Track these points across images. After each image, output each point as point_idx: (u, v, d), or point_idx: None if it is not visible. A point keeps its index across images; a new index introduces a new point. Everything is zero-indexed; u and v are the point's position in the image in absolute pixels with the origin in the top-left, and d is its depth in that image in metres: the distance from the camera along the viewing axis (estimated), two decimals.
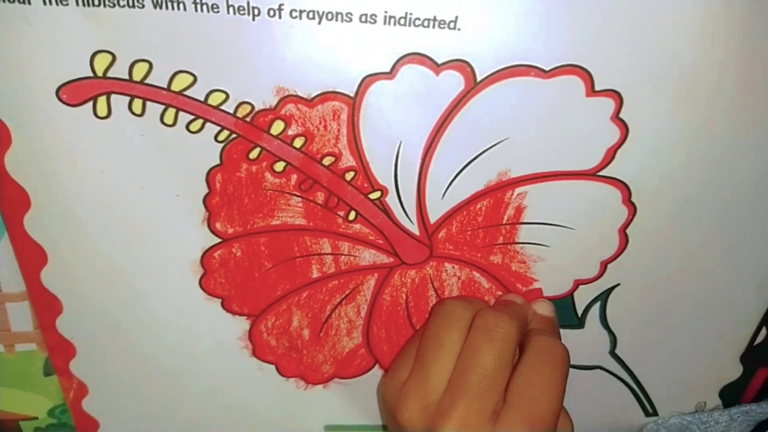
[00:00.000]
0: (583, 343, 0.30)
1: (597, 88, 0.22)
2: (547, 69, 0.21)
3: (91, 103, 0.21)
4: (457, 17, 0.20)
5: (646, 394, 0.32)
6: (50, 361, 0.29)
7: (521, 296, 0.27)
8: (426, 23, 0.20)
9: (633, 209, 0.25)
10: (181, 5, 0.19)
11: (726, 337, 0.31)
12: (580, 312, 0.29)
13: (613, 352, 0.31)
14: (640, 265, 0.27)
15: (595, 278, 0.28)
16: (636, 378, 0.32)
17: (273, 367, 0.29)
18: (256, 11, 0.19)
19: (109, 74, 0.20)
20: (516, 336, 0.24)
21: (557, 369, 0.23)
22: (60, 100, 0.21)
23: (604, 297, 0.29)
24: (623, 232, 0.26)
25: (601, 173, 0.24)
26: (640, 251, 0.27)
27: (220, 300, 0.27)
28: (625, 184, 0.25)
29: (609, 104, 0.22)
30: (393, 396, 0.25)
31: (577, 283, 0.28)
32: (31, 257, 0.25)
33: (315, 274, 0.27)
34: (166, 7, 0.19)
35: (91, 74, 0.20)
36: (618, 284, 0.28)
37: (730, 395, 0.32)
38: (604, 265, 0.27)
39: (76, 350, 0.28)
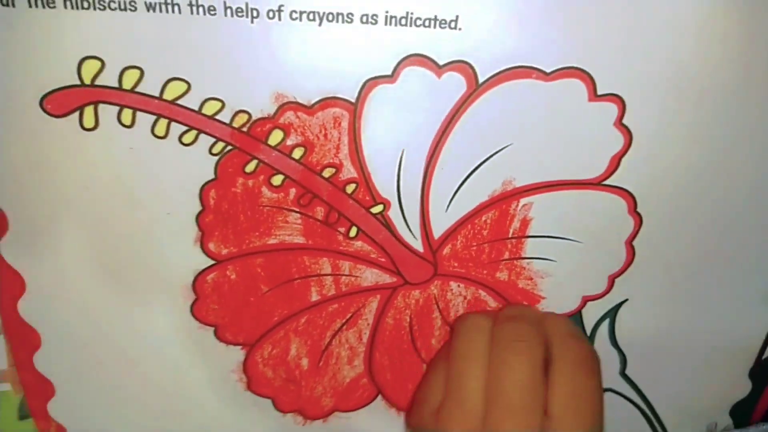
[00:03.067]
0: None
1: (599, 93, 0.21)
2: (548, 71, 0.21)
3: (77, 114, 0.20)
4: (457, 17, 0.19)
5: (657, 418, 0.31)
6: (26, 403, 0.26)
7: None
8: (427, 23, 0.19)
9: (639, 220, 0.25)
10: (176, 7, 0.18)
11: (734, 353, 0.30)
12: (589, 330, 0.28)
13: (623, 373, 0.29)
14: (647, 279, 0.27)
15: (602, 294, 0.27)
16: (647, 400, 0.30)
17: (269, 401, 0.27)
18: (254, 13, 0.19)
19: (98, 82, 0.19)
20: (541, 341, 0.23)
21: (593, 375, 0.22)
22: (44, 110, 0.20)
23: (612, 314, 0.28)
24: (630, 245, 0.26)
25: (606, 182, 0.24)
26: (647, 264, 0.26)
27: (212, 328, 0.25)
28: (631, 194, 0.24)
29: (612, 109, 0.22)
30: (429, 426, 0.23)
31: (585, 300, 0.27)
32: (7, 284, 0.23)
33: (314, 297, 0.25)
34: (160, 10, 0.18)
35: (78, 82, 0.19)
36: (626, 299, 0.27)
37: (740, 414, 0.31)
38: (612, 280, 0.26)
39: (55, 390, 0.26)
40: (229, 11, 0.19)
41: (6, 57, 0.19)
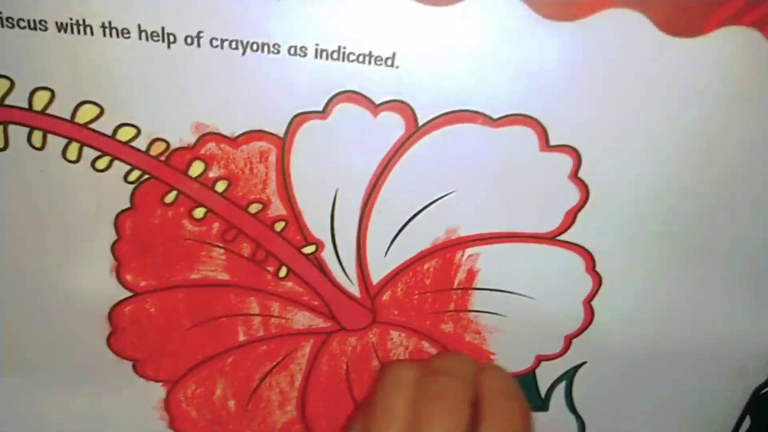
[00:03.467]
0: (548, 428, 0.27)
1: (552, 143, 0.20)
2: (495, 117, 0.19)
3: None
4: (394, 54, 0.18)
5: None
6: None
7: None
8: (361, 59, 0.18)
9: (598, 279, 0.23)
10: (88, 29, 0.17)
11: (707, 426, 0.27)
12: (543, 392, 0.26)
13: None
14: (608, 342, 0.24)
15: (558, 354, 0.25)
16: None
17: None
18: (171, 38, 0.17)
19: (7, 102, 0.18)
20: (468, 399, 0.21)
21: None
22: None
23: (569, 376, 0.25)
24: (588, 305, 0.24)
25: (560, 238, 0.22)
26: (607, 326, 0.24)
27: (131, 362, 0.24)
28: (588, 252, 0.22)
29: (566, 161, 0.20)
30: None
31: (539, 359, 0.25)
32: None
33: (241, 338, 0.24)
34: (71, 31, 0.17)
35: None
36: (585, 362, 0.25)
37: None
38: (569, 341, 0.24)
39: None
40: (144, 35, 0.17)
41: None
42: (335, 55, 0.18)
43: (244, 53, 0.18)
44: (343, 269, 0.22)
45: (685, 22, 0.18)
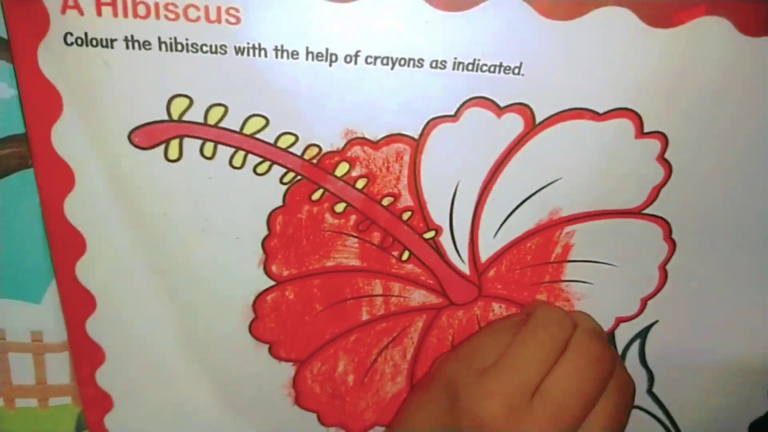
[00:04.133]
0: None
1: (646, 130, 0.23)
2: (601, 112, 0.22)
3: (162, 146, 0.21)
4: (521, 63, 0.21)
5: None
6: (83, 416, 0.27)
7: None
8: (492, 69, 0.21)
9: (673, 245, 0.26)
10: (263, 52, 0.20)
11: (755, 372, 0.31)
12: (620, 350, 0.29)
13: (650, 391, 0.31)
14: (678, 302, 0.28)
15: (635, 315, 0.28)
16: (672, 418, 0.32)
17: (314, 415, 0.29)
18: (333, 57, 0.20)
19: (185, 118, 0.21)
20: (613, 364, 0.24)
21: (591, 367, 0.23)
22: (131, 143, 0.21)
23: (643, 334, 0.29)
24: (663, 269, 0.27)
25: (644, 212, 0.25)
26: (678, 288, 0.28)
27: (267, 345, 0.26)
28: (667, 221, 0.26)
29: (655, 145, 0.23)
30: (466, 380, 0.23)
31: (618, 321, 0.28)
32: (78, 305, 0.24)
33: (364, 317, 0.27)
34: (248, 54, 0.20)
35: (166, 118, 0.21)
36: (657, 321, 0.29)
37: (758, 431, 0.33)
38: (644, 302, 0.28)
39: (114, 404, 0.27)
40: (310, 56, 0.20)
41: (101, 93, 0.20)
42: (470, 67, 0.21)
43: (393, 68, 0.21)
44: (457, 250, 0.25)
45: (761, 25, 0.21)
